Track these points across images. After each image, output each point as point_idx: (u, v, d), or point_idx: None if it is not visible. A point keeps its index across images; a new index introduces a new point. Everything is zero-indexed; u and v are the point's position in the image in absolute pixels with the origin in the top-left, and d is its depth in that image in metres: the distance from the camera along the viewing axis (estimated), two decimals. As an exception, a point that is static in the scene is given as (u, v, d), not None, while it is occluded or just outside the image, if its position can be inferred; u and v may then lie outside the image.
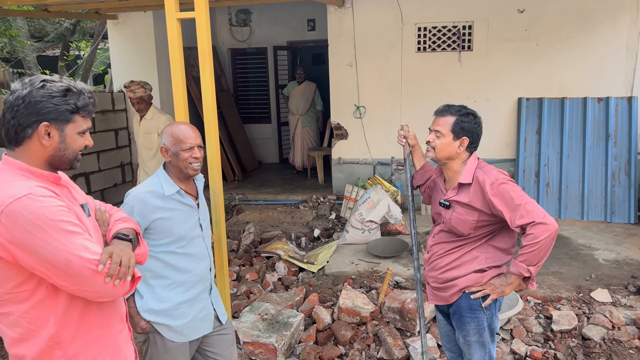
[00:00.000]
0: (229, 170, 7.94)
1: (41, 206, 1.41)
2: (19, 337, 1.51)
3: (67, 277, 1.43)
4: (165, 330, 2.29)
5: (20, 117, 1.47)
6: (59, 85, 1.52)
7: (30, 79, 1.52)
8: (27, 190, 1.42)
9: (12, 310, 1.48)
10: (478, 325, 2.36)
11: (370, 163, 6.71)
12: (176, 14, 2.74)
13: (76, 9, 6.52)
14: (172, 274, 2.30)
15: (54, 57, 13.49)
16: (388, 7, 6.30)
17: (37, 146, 1.50)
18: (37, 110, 1.48)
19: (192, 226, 2.35)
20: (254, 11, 8.77)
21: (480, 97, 6.24)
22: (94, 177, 6.50)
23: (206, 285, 2.43)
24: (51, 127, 1.50)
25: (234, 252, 5.46)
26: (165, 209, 2.26)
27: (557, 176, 6.00)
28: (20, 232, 1.38)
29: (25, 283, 1.46)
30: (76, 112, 1.54)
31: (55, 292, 1.50)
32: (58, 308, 1.51)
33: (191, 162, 2.28)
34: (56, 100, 1.50)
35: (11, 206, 1.38)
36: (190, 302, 2.34)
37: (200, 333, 2.40)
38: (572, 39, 5.90)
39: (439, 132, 2.33)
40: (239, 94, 9.32)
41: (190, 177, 2.35)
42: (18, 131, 1.49)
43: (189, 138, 2.28)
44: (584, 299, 4.01)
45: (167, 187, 2.27)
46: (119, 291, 1.52)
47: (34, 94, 1.48)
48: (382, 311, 3.88)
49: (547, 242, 2.12)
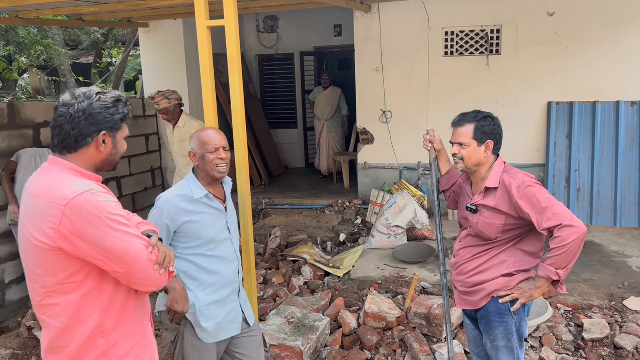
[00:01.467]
0: (256, 175, 8.02)
1: (101, 201, 1.56)
2: (64, 327, 1.60)
3: (125, 264, 1.57)
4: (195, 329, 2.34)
5: (81, 128, 1.62)
6: (110, 96, 1.68)
7: (83, 91, 1.66)
8: (88, 187, 1.56)
9: (59, 302, 1.59)
10: (506, 330, 2.34)
11: (396, 168, 6.69)
12: (206, 22, 2.81)
13: (110, 17, 6.71)
14: (202, 275, 2.35)
15: (88, 65, 13.89)
16: (415, 12, 6.29)
17: (94, 152, 1.66)
18: (97, 121, 1.64)
19: (221, 229, 2.40)
20: (281, 18, 8.86)
21: (509, 102, 6.17)
22: (125, 181, 6.65)
23: (235, 287, 2.47)
24: (107, 135, 1.67)
25: (260, 256, 5.51)
26: (194, 212, 2.31)
27: (588, 182, 5.88)
28: (83, 224, 1.51)
29: (76, 274, 1.57)
30: (124, 119, 1.72)
31: (102, 283, 1.61)
32: (103, 299, 1.62)
33: (217, 163, 2.33)
34: (111, 110, 1.66)
35: (75, 200, 1.51)
36: (219, 303, 2.38)
37: (229, 334, 2.44)
38: (604, 42, 5.78)
39: (462, 143, 2.33)
40: (266, 99, 9.41)
41: (217, 179, 2.39)
42: (79, 140, 1.63)
43: (214, 140, 2.34)
44: (617, 307, 3.91)
45: (196, 190, 2.33)
46: (162, 280, 1.67)
47: (94, 106, 1.64)
48: (409, 317, 3.86)
49: (575, 244, 2.10)
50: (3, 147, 4.78)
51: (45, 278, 1.58)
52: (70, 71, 12.18)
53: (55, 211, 1.51)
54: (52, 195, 1.53)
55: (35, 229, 1.54)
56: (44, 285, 1.59)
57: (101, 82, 11.90)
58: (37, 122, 5.12)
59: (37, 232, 1.54)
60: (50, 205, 1.52)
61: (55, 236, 1.51)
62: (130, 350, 1.69)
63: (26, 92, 13.73)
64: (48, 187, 1.56)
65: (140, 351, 1.73)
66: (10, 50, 10.52)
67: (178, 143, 4.95)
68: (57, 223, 1.51)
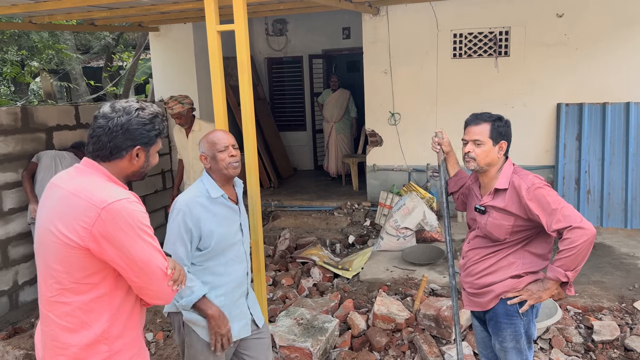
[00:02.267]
0: (265, 177, 8.06)
1: (136, 210, 1.63)
2: (71, 327, 1.63)
3: (142, 274, 1.63)
4: (201, 330, 2.35)
5: (117, 141, 1.69)
6: (148, 113, 1.75)
7: (124, 106, 1.71)
8: (126, 194, 1.64)
9: (70, 301, 1.62)
10: (515, 331, 2.35)
11: (405, 170, 6.70)
12: (216, 27, 2.85)
13: (121, 22, 6.79)
14: (210, 277, 2.37)
15: (99, 68, 14.03)
16: (423, 14, 6.30)
17: (126, 164, 1.73)
18: (133, 136, 1.71)
19: (235, 231, 2.43)
20: (290, 21, 8.91)
21: (518, 103, 6.16)
22: (136, 184, 6.71)
23: (243, 289, 2.49)
24: (141, 150, 1.74)
25: (270, 258, 5.54)
26: (212, 212, 2.34)
27: (598, 183, 5.85)
28: (114, 229, 1.57)
29: (93, 275, 1.62)
30: (159, 135, 1.79)
31: (115, 289, 1.65)
32: (113, 305, 1.66)
33: (229, 161, 2.35)
34: (148, 127, 1.73)
35: (113, 205, 1.58)
36: (227, 306, 2.39)
37: (237, 336, 2.44)
38: (614, 42, 5.76)
39: (478, 140, 2.34)
40: (275, 102, 9.46)
41: (231, 177, 2.41)
42: (113, 152, 1.70)
43: (222, 139, 2.37)
44: (627, 309, 3.90)
45: (212, 190, 2.36)
46: (172, 296, 1.73)
47: (132, 122, 1.70)
48: (418, 318, 3.87)
49: (584, 246, 2.10)
50: (17, 150, 4.86)
51: (63, 275, 1.61)
52: (81, 75, 12.31)
53: (91, 212, 1.57)
54: (91, 196, 1.59)
55: (65, 225, 1.59)
56: (60, 281, 1.62)
57: (112, 85, 12.02)
58: (50, 125, 5.19)
59: (67, 229, 1.58)
60: (87, 205, 1.58)
61: (86, 235, 1.57)
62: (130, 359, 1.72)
63: (38, 96, 13.89)
64: (87, 188, 1.62)
65: None
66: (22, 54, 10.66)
67: (193, 146, 4.95)
68: (90, 223, 1.56)
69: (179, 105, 4.73)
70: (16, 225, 4.85)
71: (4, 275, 4.79)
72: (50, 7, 4.49)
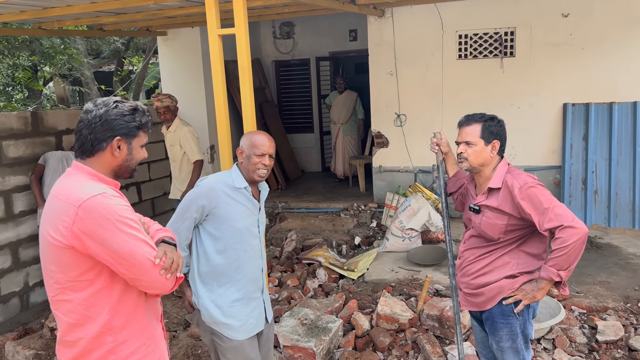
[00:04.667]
0: (273, 179, 8.11)
1: (112, 204, 1.64)
2: (75, 322, 1.70)
3: (130, 267, 1.65)
4: (225, 329, 2.45)
5: (97, 133, 1.72)
6: (128, 105, 1.77)
7: (104, 100, 1.77)
8: (101, 190, 1.66)
9: (71, 298, 1.68)
10: (511, 331, 2.36)
11: (411, 171, 6.71)
12: (217, 31, 2.90)
13: (129, 27, 6.88)
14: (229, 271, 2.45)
15: (109, 73, 14.21)
16: (428, 15, 6.32)
17: (109, 157, 1.75)
18: (112, 127, 1.73)
19: (252, 223, 2.50)
20: (297, 24, 8.96)
21: (524, 104, 6.15)
22: (145, 187, 6.80)
23: (259, 284, 2.57)
24: (122, 141, 1.75)
25: (276, 259, 5.58)
26: (233, 198, 2.43)
27: (605, 183, 5.81)
28: (93, 225, 1.60)
29: (87, 272, 1.66)
30: (141, 128, 1.80)
31: (112, 283, 1.70)
32: (112, 298, 1.70)
33: (259, 167, 2.44)
34: (127, 118, 1.75)
35: (88, 202, 1.61)
36: (244, 301, 2.48)
37: (255, 330, 2.55)
38: (620, 42, 5.73)
39: (469, 141, 2.36)
40: (283, 104, 9.51)
41: (255, 182, 2.50)
42: (94, 144, 1.73)
43: (264, 145, 2.45)
44: (632, 310, 3.88)
45: (237, 180, 2.45)
46: (168, 285, 1.73)
47: (110, 112, 1.73)
48: (421, 318, 3.88)
49: (576, 245, 2.11)
50: (27, 154, 4.95)
51: (59, 275, 1.68)
52: (93, 80, 12.47)
53: (69, 211, 1.61)
54: (68, 196, 1.64)
55: (51, 227, 1.65)
56: (58, 281, 1.69)
57: (122, 89, 12.17)
58: (60, 129, 5.28)
59: (53, 230, 1.64)
60: (66, 205, 1.63)
61: (68, 234, 1.61)
62: (137, 349, 1.77)
63: (51, 101, 14.09)
64: (66, 189, 1.67)
65: (148, 351, 1.80)
66: (34, 60, 10.83)
67: (169, 147, 5.12)
68: (70, 222, 1.61)
69: (168, 99, 4.98)
70: (27, 227, 4.94)
71: (15, 277, 4.88)
72: (58, 13, 4.58)
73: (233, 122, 6.75)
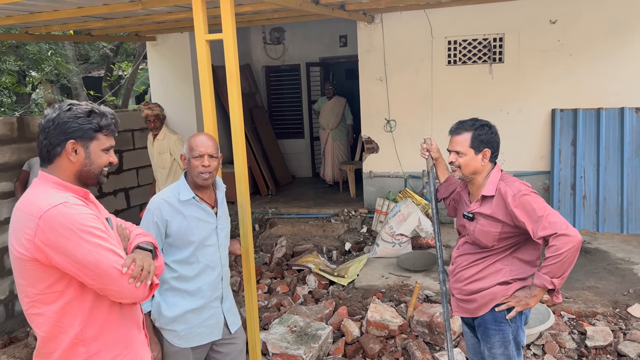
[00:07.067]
0: (263, 185, 8.07)
1: (74, 213, 1.58)
2: (48, 335, 1.65)
3: (96, 277, 1.58)
4: (169, 335, 2.39)
5: (51, 137, 1.66)
6: (83, 107, 1.69)
7: (59, 104, 1.70)
8: (63, 199, 1.59)
9: (42, 311, 1.63)
10: (503, 337, 2.35)
11: (401, 176, 6.71)
12: (205, 36, 2.87)
13: (117, 32, 6.83)
14: (183, 284, 2.39)
15: (99, 78, 14.10)
16: (417, 22, 6.34)
17: (66, 162, 1.68)
18: (64, 129, 1.65)
19: (208, 234, 2.43)
20: (287, 29, 8.96)
21: (513, 109, 6.18)
22: (133, 192, 6.74)
23: (217, 294, 2.49)
24: (77, 145, 1.67)
25: (266, 265, 5.55)
26: (181, 213, 2.36)
27: (594, 188, 5.85)
28: (55, 235, 1.54)
29: (55, 284, 1.61)
30: (99, 130, 1.70)
31: (82, 294, 1.64)
32: (84, 309, 1.64)
33: (200, 170, 2.34)
34: (81, 120, 1.66)
35: (49, 212, 1.55)
36: (197, 311, 2.42)
37: (205, 340, 2.46)
38: (607, 48, 5.78)
39: (458, 151, 2.35)
40: (273, 110, 9.49)
41: (200, 186, 2.41)
42: (50, 149, 1.66)
43: (200, 146, 2.36)
44: (621, 315, 3.89)
45: (183, 193, 2.38)
46: (140, 293, 1.66)
47: (62, 115, 1.66)
48: (411, 325, 3.87)
49: (570, 253, 2.10)
50: (13, 160, 4.89)
51: (27, 288, 1.62)
52: (81, 85, 12.37)
53: (30, 223, 1.55)
54: (29, 207, 1.58)
55: (16, 240, 1.60)
56: (27, 294, 1.63)
57: (111, 95, 12.08)
58: (46, 135, 5.22)
59: (17, 243, 1.59)
60: (27, 217, 1.57)
61: (31, 247, 1.56)
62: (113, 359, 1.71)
63: (39, 106, 13.96)
64: (28, 200, 1.62)
65: None
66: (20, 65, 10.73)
67: (157, 155, 5.15)
68: (32, 234, 1.55)
69: (158, 108, 5.03)
70: (12, 234, 4.87)
71: (0, 285, 4.80)
72: (45, 17, 4.54)
73: (223, 128, 6.72)
